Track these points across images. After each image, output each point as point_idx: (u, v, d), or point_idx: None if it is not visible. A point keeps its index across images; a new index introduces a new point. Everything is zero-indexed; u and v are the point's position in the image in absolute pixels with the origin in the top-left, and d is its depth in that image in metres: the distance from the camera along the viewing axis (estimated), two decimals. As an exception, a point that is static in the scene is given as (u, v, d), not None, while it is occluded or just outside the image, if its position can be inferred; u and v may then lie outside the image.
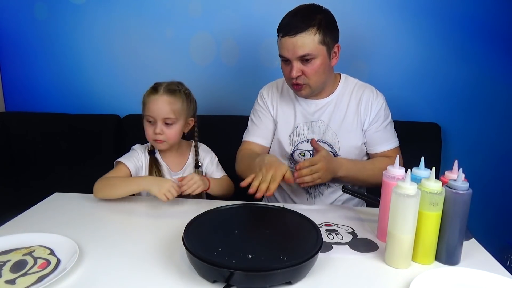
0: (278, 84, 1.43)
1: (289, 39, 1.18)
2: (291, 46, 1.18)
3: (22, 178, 1.85)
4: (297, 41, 1.17)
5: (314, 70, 1.21)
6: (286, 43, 1.19)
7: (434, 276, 0.80)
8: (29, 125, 1.87)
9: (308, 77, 1.22)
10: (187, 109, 1.29)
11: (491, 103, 1.79)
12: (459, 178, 0.84)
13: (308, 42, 1.17)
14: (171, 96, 1.26)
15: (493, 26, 1.72)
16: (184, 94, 1.29)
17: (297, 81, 1.23)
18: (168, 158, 1.35)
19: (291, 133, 1.35)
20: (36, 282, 0.76)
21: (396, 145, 1.36)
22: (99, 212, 1.13)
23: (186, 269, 0.82)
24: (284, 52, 1.21)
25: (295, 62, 1.20)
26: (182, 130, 1.31)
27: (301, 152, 1.34)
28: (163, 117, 1.25)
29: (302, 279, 0.79)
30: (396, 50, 1.78)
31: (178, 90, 1.28)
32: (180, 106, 1.27)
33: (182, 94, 1.28)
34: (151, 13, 1.83)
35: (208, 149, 1.43)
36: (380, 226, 0.98)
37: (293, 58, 1.20)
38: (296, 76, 1.21)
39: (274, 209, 1.02)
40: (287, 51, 1.20)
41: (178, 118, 1.27)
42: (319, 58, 1.20)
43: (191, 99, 1.33)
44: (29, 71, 1.96)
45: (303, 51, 1.18)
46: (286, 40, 1.18)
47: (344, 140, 1.32)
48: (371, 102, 1.32)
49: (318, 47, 1.19)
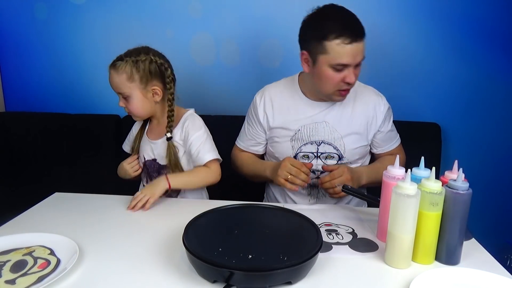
0: (279, 85, 1.39)
1: (356, 45, 1.13)
2: (356, 52, 1.15)
3: (22, 178, 1.85)
4: (361, 46, 1.15)
5: (358, 73, 1.21)
6: (352, 49, 1.13)
7: (434, 276, 0.80)
8: (29, 125, 1.87)
9: (355, 81, 1.21)
10: (139, 78, 1.20)
11: (491, 103, 1.79)
12: (459, 178, 0.84)
13: (364, 45, 1.17)
14: (115, 70, 1.20)
15: (493, 26, 1.72)
16: (132, 63, 1.19)
17: (350, 86, 1.21)
18: (151, 127, 1.34)
19: (293, 136, 1.32)
20: (36, 282, 0.76)
21: (399, 142, 1.42)
22: (99, 212, 1.13)
23: (186, 269, 0.82)
24: (347, 59, 1.14)
25: (352, 67, 1.17)
26: (146, 99, 1.23)
27: (305, 155, 1.32)
28: (116, 91, 1.22)
29: (302, 279, 0.79)
30: (396, 50, 1.78)
31: (123, 62, 1.19)
32: (126, 77, 1.19)
33: (128, 64, 1.19)
34: (151, 13, 1.83)
35: (199, 124, 1.29)
36: (380, 226, 0.98)
37: (354, 63, 1.16)
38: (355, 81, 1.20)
39: (274, 209, 1.02)
40: (352, 58, 1.15)
41: (130, 91, 1.20)
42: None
43: (145, 66, 1.20)
44: (29, 71, 1.96)
45: (362, 55, 1.17)
46: (352, 46, 1.13)
47: (350, 142, 1.30)
48: (377, 106, 1.32)
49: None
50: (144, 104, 1.23)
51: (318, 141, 1.31)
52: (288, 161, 1.21)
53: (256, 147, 1.42)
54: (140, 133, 1.35)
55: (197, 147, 1.25)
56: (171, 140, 1.26)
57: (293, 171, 1.19)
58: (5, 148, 1.84)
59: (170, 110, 1.25)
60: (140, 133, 1.35)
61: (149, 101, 1.24)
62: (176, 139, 1.27)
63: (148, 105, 1.24)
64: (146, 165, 1.34)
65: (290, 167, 1.20)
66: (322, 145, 1.30)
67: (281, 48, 1.80)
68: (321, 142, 1.30)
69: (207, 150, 1.26)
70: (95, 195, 1.24)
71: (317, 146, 1.31)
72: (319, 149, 1.31)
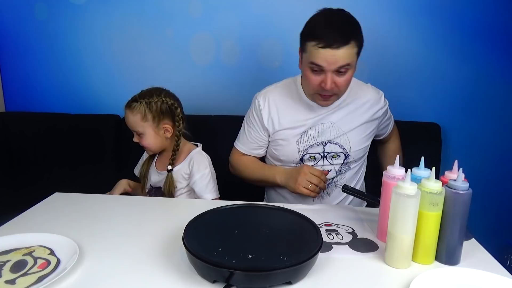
0: (280, 87, 1.37)
1: (330, 51, 1.12)
2: (332, 59, 1.13)
3: (22, 178, 1.85)
4: (339, 54, 1.12)
5: (346, 81, 1.19)
6: (326, 54, 1.12)
7: (434, 276, 0.79)
8: (29, 125, 1.87)
9: (338, 88, 1.20)
10: (153, 118, 1.31)
11: (491, 103, 1.79)
12: (459, 178, 0.84)
13: (348, 54, 1.13)
14: (130, 110, 1.31)
15: (493, 26, 1.72)
16: (145, 105, 1.30)
17: (328, 93, 1.20)
18: (160, 158, 1.43)
19: (299, 138, 1.31)
20: (36, 282, 0.76)
21: (393, 122, 1.49)
22: (99, 212, 1.13)
23: (186, 269, 0.82)
24: (321, 62, 1.14)
25: (330, 73, 1.15)
26: (158, 136, 1.34)
27: (311, 156, 1.32)
28: (131, 129, 1.34)
29: (302, 279, 0.79)
30: (396, 50, 1.78)
31: (139, 102, 1.30)
32: (140, 117, 1.30)
33: (142, 106, 1.30)
34: (151, 13, 1.83)
35: (205, 164, 1.36)
36: (380, 226, 0.98)
37: (330, 68, 1.15)
38: (331, 87, 1.18)
39: (274, 209, 1.02)
40: (325, 62, 1.14)
41: (144, 130, 1.32)
42: (352, 68, 1.18)
43: (157, 107, 1.31)
44: (29, 71, 1.96)
45: (343, 62, 1.14)
46: (326, 51, 1.12)
47: (355, 141, 1.32)
48: (377, 101, 1.35)
49: (354, 58, 1.17)
50: (156, 140, 1.34)
51: (324, 141, 1.31)
52: (308, 169, 1.21)
53: (258, 150, 1.41)
54: (148, 162, 1.45)
55: (200, 187, 1.34)
56: (171, 172, 1.35)
57: (314, 180, 1.19)
58: (5, 148, 1.84)
59: (176, 145, 1.35)
60: (148, 162, 1.45)
61: (160, 137, 1.35)
62: (182, 173, 1.36)
63: (160, 141, 1.35)
64: (150, 192, 1.42)
65: (310, 175, 1.20)
66: (328, 145, 1.31)
67: (281, 48, 1.80)
68: (327, 142, 1.31)
69: (209, 190, 1.34)
70: (95, 195, 1.24)
71: (323, 147, 1.31)
72: (325, 149, 1.31)
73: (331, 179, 1.35)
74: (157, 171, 1.41)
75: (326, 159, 1.32)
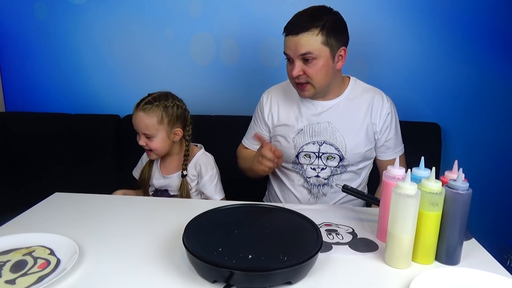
0: (284, 86, 1.41)
1: (291, 37, 1.20)
2: (293, 45, 1.20)
3: (22, 178, 1.85)
4: (299, 40, 1.19)
5: (316, 71, 1.22)
6: (289, 41, 1.21)
7: (434, 276, 0.80)
8: (29, 125, 1.87)
9: (310, 77, 1.23)
10: (168, 122, 1.31)
11: (491, 103, 1.79)
12: (459, 178, 0.84)
13: (310, 41, 1.18)
14: (146, 112, 1.29)
15: (493, 26, 1.72)
16: (162, 108, 1.30)
17: (299, 80, 1.24)
18: (163, 162, 1.41)
19: (295, 136, 1.33)
20: (36, 282, 0.76)
21: (402, 152, 1.40)
22: (99, 212, 1.13)
23: (186, 269, 0.82)
24: (286, 50, 1.23)
25: (297, 61, 1.22)
26: (168, 139, 1.33)
27: (306, 154, 1.33)
28: (141, 132, 1.31)
29: (302, 279, 0.79)
30: (396, 50, 1.78)
31: (155, 105, 1.29)
32: (156, 121, 1.29)
33: (159, 109, 1.29)
34: (151, 13, 1.83)
35: (212, 164, 1.40)
36: (380, 226, 0.98)
37: (294, 56, 1.21)
38: (297, 75, 1.22)
39: (274, 209, 1.02)
40: (289, 49, 1.22)
41: (157, 132, 1.30)
42: (321, 59, 1.20)
43: (173, 112, 1.32)
44: (29, 71, 1.96)
45: (304, 49, 1.19)
46: (289, 38, 1.21)
47: (351, 144, 1.30)
48: (380, 108, 1.32)
49: (321, 48, 1.19)
50: (165, 144, 1.34)
51: (320, 141, 1.31)
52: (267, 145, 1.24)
53: (258, 146, 1.41)
54: (149, 166, 1.43)
55: (210, 189, 1.38)
56: (185, 177, 1.36)
57: (267, 154, 1.21)
58: (5, 148, 1.84)
59: (186, 149, 1.37)
60: (149, 166, 1.43)
61: (169, 141, 1.35)
62: (189, 175, 1.38)
63: (168, 144, 1.35)
64: (155, 195, 1.42)
65: (257, 154, 1.26)
66: (324, 145, 1.31)
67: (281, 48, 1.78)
68: (323, 143, 1.31)
69: (217, 191, 1.39)
70: (95, 195, 1.24)
71: (318, 146, 1.32)
72: (320, 149, 1.31)
73: (325, 179, 1.34)
74: (162, 175, 1.40)
75: (321, 159, 1.32)
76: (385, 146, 1.36)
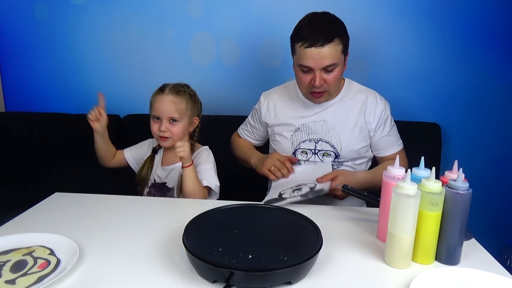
0: (283, 88, 1.46)
1: (315, 49, 1.19)
2: (318, 57, 1.20)
3: (22, 178, 1.85)
4: (324, 51, 1.19)
5: (334, 78, 1.25)
6: (312, 53, 1.20)
7: (434, 276, 0.80)
8: (29, 125, 1.87)
9: (329, 85, 1.26)
10: (192, 109, 1.35)
11: (491, 103, 1.79)
12: (459, 178, 0.84)
13: (333, 52, 1.20)
14: (176, 96, 1.32)
15: (492, 26, 1.72)
16: (189, 95, 1.35)
17: (319, 90, 1.26)
18: (166, 153, 1.42)
19: (293, 133, 1.38)
20: (36, 282, 0.76)
21: (400, 147, 1.42)
22: (99, 212, 1.13)
23: (186, 269, 0.82)
24: (308, 62, 1.22)
25: (318, 71, 1.22)
26: (187, 128, 1.36)
27: (303, 151, 1.38)
28: (168, 115, 1.31)
29: (302, 279, 0.79)
30: (396, 50, 1.78)
31: (183, 91, 1.34)
32: (185, 106, 1.32)
33: (187, 95, 1.34)
34: (151, 13, 1.83)
35: (210, 157, 1.40)
36: (380, 226, 0.98)
37: (317, 68, 1.22)
38: (320, 85, 1.24)
39: (274, 209, 1.02)
40: (313, 62, 1.21)
41: (182, 117, 1.32)
42: (339, 66, 1.25)
43: (196, 100, 1.38)
44: (29, 71, 1.96)
45: (330, 61, 1.21)
46: (312, 50, 1.19)
47: (346, 142, 1.35)
48: (374, 107, 1.36)
49: (340, 56, 1.24)
50: (185, 131, 1.36)
51: (316, 139, 1.36)
52: (276, 155, 1.34)
53: (251, 140, 1.54)
54: (151, 161, 1.43)
55: (202, 175, 1.33)
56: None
57: (277, 164, 1.29)
58: (5, 148, 1.84)
59: (194, 141, 1.41)
60: (151, 161, 1.43)
61: (187, 130, 1.37)
62: None
63: (185, 132, 1.37)
64: (153, 186, 1.42)
65: (276, 160, 1.31)
66: (320, 142, 1.36)
67: (281, 48, 1.80)
68: (318, 140, 1.36)
69: (208, 179, 1.32)
70: (95, 195, 1.24)
71: (315, 144, 1.36)
72: (316, 146, 1.36)
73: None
74: (163, 167, 1.41)
75: (317, 156, 1.37)
76: (383, 142, 1.39)
